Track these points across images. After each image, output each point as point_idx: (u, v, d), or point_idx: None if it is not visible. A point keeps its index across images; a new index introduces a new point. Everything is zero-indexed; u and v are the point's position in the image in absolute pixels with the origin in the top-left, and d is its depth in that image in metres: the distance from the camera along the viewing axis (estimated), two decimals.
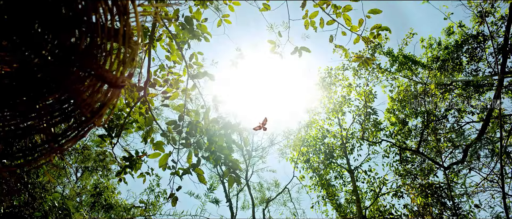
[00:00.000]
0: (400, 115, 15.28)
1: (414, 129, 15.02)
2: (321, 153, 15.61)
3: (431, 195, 12.12)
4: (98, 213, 10.54)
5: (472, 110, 14.39)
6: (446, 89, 14.15)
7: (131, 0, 1.42)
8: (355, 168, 15.34)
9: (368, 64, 4.58)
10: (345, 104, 16.07)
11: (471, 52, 14.02)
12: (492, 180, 12.19)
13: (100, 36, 1.56)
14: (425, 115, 14.12)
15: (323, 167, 15.44)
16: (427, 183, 12.49)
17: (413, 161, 14.45)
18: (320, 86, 16.73)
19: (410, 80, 15.40)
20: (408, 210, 12.72)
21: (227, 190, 17.24)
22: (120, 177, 5.36)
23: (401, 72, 15.42)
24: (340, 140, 15.92)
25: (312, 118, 16.79)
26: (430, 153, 14.44)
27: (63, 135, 1.59)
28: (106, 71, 1.60)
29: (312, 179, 15.61)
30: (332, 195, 15.13)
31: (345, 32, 4.60)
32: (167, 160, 4.03)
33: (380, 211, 13.41)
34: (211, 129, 4.13)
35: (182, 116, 4.17)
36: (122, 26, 1.48)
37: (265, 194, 19.35)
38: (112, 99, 1.63)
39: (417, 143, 14.24)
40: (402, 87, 15.43)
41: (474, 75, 14.00)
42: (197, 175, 4.14)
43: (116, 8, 1.47)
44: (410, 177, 13.59)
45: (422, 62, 15.10)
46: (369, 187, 14.63)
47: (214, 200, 16.49)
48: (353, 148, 15.57)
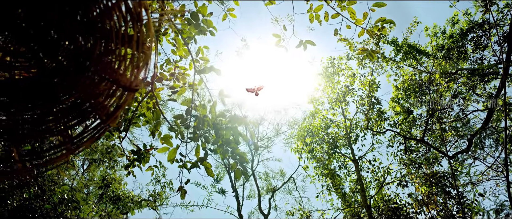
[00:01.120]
0: (405, 104, 15.28)
1: (419, 118, 15.02)
2: (325, 143, 15.67)
3: (435, 184, 12.17)
4: (106, 204, 10.69)
5: (477, 99, 14.39)
6: (451, 78, 14.13)
7: (144, 8, 1.48)
8: (359, 157, 15.40)
9: (373, 56, 4.61)
10: (348, 94, 16.08)
11: (476, 40, 13.96)
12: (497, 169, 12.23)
13: (114, 41, 1.63)
14: (430, 104, 14.13)
15: (327, 157, 15.51)
16: (432, 173, 12.54)
17: (417, 151, 14.48)
18: (323, 76, 16.74)
19: (415, 69, 15.38)
20: (412, 199, 12.79)
21: (233, 180, 17.36)
22: (129, 170, 5.46)
23: (406, 61, 15.39)
24: (344, 130, 15.97)
25: (315, 108, 16.82)
26: (435, 142, 14.48)
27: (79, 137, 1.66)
28: (121, 75, 1.67)
29: (316, 169, 15.69)
30: (337, 184, 15.22)
31: (350, 26, 4.63)
32: (176, 154, 4.10)
33: (385, 200, 13.48)
34: (218, 123, 4.19)
35: (190, 110, 4.23)
36: (135, 32, 1.54)
37: (271, 183, 19.49)
38: (127, 102, 1.69)
39: (422, 132, 14.26)
40: (406, 77, 15.41)
41: (479, 64, 13.96)
42: (205, 169, 4.22)
43: (130, 16, 1.53)
44: (414, 166, 13.64)
45: (427, 51, 15.07)
46: (373, 177, 14.70)
47: (220, 190, 16.64)
48: (357, 138, 15.62)
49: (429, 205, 12.01)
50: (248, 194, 18.79)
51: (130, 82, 1.64)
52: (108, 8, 1.46)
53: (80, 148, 1.66)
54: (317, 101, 16.90)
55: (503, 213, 11.21)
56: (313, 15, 4.75)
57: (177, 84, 4.57)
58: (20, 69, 1.73)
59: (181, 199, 4.22)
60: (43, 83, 1.71)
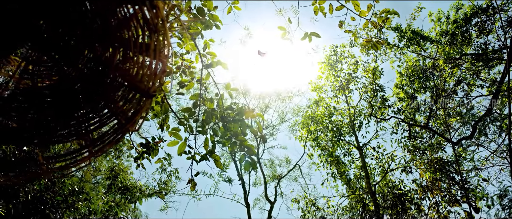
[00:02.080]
0: (409, 90, 15.29)
1: (422, 104, 15.05)
2: (329, 131, 15.75)
3: (439, 170, 12.25)
4: (115, 194, 10.84)
5: (482, 84, 14.38)
6: (455, 63, 14.11)
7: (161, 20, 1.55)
8: (364, 145, 15.47)
9: (378, 47, 4.66)
10: (351, 81, 16.10)
11: (480, 25, 13.90)
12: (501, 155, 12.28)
13: (132, 50, 1.71)
14: (434, 90, 14.14)
15: (331, 145, 15.59)
16: (436, 159, 12.61)
17: (421, 137, 14.54)
18: (326, 64, 16.75)
19: (419, 55, 15.35)
20: (417, 185, 12.88)
21: (239, 168, 17.52)
22: (138, 162, 5.57)
23: (410, 47, 15.36)
24: (348, 117, 16.02)
25: (319, 96, 16.86)
26: (439, 128, 14.52)
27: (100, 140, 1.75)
28: (139, 81, 1.75)
29: (321, 157, 15.80)
30: (341, 172, 15.33)
31: (354, 17, 4.66)
32: (185, 147, 4.19)
33: (389, 187, 13.59)
34: (226, 116, 4.26)
35: (197, 104, 4.31)
36: (153, 42, 1.61)
37: (276, 170, 19.66)
38: (145, 107, 1.78)
39: (426, 118, 14.31)
40: (410, 63, 15.39)
41: (483, 49, 13.91)
42: (214, 161, 4.31)
43: (147, 26, 1.60)
44: (419, 152, 13.71)
45: (431, 36, 15.02)
46: (377, 164, 14.79)
47: (227, 179, 16.81)
48: (361, 125, 15.68)
49: (434, 191, 12.11)
50: (254, 182, 18.98)
51: (148, 88, 1.73)
52: (126, 19, 1.53)
53: (101, 151, 1.75)
54: (320, 89, 16.94)
55: (507, 198, 11.29)
56: (318, 8, 4.78)
57: (185, 79, 4.64)
58: (43, 77, 1.81)
59: (191, 190, 4.32)
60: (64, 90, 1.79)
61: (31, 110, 1.72)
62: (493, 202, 11.27)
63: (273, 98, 19.55)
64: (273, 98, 19.55)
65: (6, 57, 1.51)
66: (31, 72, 1.81)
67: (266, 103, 19.50)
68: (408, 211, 12.58)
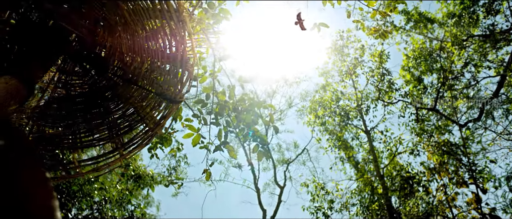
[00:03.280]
0: (415, 71, 15.25)
1: (429, 86, 15.03)
2: (337, 116, 15.82)
3: (447, 153, 12.32)
4: (128, 182, 11.04)
5: (489, 65, 14.32)
6: (462, 45, 14.04)
7: (188, 34, 1.65)
8: (371, 128, 15.54)
9: (385, 36, 4.71)
10: (358, 66, 16.11)
11: (488, 6, 13.79)
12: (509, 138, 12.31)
13: (160, 60, 1.83)
14: (441, 72, 14.12)
15: (339, 129, 15.70)
16: (443, 141, 12.67)
17: (429, 120, 14.57)
18: (333, 49, 16.75)
19: (425, 37, 15.29)
20: (424, 167, 12.96)
21: (248, 153, 17.68)
22: (153, 153, 5.72)
23: (416, 29, 15.29)
24: (355, 102, 16.07)
25: (326, 81, 16.91)
26: (446, 110, 14.54)
27: (130, 143, 1.88)
28: (166, 89, 1.87)
29: (329, 141, 15.91)
30: (350, 156, 15.46)
31: (362, 7, 4.72)
32: (200, 139, 4.32)
33: (397, 170, 13.69)
34: (239, 108, 4.37)
35: (209, 95, 4.42)
36: (180, 53, 1.72)
37: (285, 154, 19.80)
38: (172, 112, 1.90)
39: (434, 100, 14.32)
40: (417, 45, 15.32)
41: (491, 30, 13.82)
42: (228, 151, 4.43)
43: (174, 39, 1.71)
44: (426, 135, 13.76)
45: (438, 18, 14.93)
46: (385, 147, 14.87)
47: (237, 165, 17.01)
48: (369, 109, 15.71)
49: (441, 173, 12.20)
50: (264, 167, 19.15)
51: (175, 95, 1.84)
52: (154, 32, 1.64)
53: (132, 153, 1.87)
54: (327, 73, 16.98)
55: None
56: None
57: (199, 74, 4.73)
58: (75, 86, 1.94)
59: (206, 180, 4.46)
60: (96, 97, 1.91)
61: (65, 117, 1.84)
62: (501, 184, 11.36)
63: (281, 83, 19.61)
64: (281, 83, 19.61)
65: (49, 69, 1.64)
66: (64, 81, 1.93)
67: (273, 89, 19.58)
68: (416, 193, 12.71)
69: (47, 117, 1.67)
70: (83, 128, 1.69)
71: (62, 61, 1.71)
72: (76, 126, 1.66)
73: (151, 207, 15.59)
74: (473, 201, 11.27)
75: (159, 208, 15.97)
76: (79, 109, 1.72)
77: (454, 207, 11.95)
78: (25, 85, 1.20)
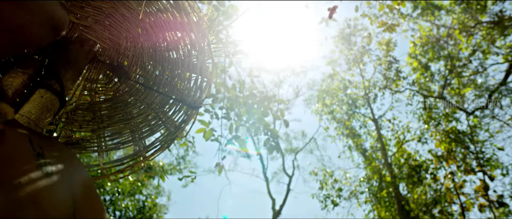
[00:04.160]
0: (422, 59, 15.20)
1: (437, 73, 15.00)
2: (344, 104, 15.87)
3: (454, 141, 12.34)
4: (138, 174, 11.21)
5: (497, 52, 14.23)
6: (470, 32, 13.95)
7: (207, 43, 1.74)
8: (379, 117, 15.58)
9: (393, 29, 4.75)
10: (365, 54, 16.09)
11: None
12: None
13: (180, 68, 1.93)
14: (449, 59, 14.07)
15: (347, 117, 15.75)
16: (451, 129, 12.69)
17: (436, 107, 14.56)
18: (340, 37, 16.73)
19: (433, 24, 15.20)
20: (432, 155, 13.00)
21: (256, 143, 17.82)
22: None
23: (423, 17, 15.21)
24: (363, 90, 16.09)
25: (334, 70, 16.93)
26: (453, 97, 14.51)
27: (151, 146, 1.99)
28: (186, 95, 1.98)
29: (337, 130, 15.98)
30: (358, 144, 15.52)
31: (370, 2, 4.74)
32: (212, 133, 4.41)
33: (405, 158, 13.74)
34: (249, 103, 4.45)
35: (220, 90, 4.51)
36: (200, 62, 1.82)
37: (292, 143, 19.91)
38: (191, 117, 2.01)
39: (441, 87, 14.30)
40: (424, 32, 15.25)
41: (500, 16, 13.71)
42: (239, 145, 4.53)
43: (194, 50, 1.80)
44: (434, 122, 13.77)
45: (445, 5, 14.82)
46: (393, 135, 14.92)
47: (246, 155, 17.14)
48: (376, 98, 15.74)
49: (449, 161, 12.25)
50: (272, 156, 19.27)
51: (194, 100, 1.95)
52: (175, 42, 1.73)
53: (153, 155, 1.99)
54: (334, 62, 16.98)
55: None
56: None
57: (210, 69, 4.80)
58: (99, 93, 2.05)
59: (219, 174, 4.58)
60: (119, 103, 2.03)
61: (90, 122, 1.96)
62: (508, 171, 11.38)
63: (288, 73, 19.62)
64: (288, 73, 19.62)
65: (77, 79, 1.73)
66: (89, 88, 2.05)
67: (280, 79, 19.61)
68: (423, 180, 12.79)
69: (74, 122, 1.79)
70: (108, 132, 1.82)
71: (87, 70, 1.82)
72: (101, 130, 1.78)
73: (162, 197, 15.82)
74: (480, 189, 11.33)
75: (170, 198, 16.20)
76: (103, 115, 1.84)
77: (462, 194, 12.02)
78: (58, 97, 1.29)
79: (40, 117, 1.14)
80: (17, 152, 0.65)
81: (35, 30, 0.68)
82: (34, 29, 0.68)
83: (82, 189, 0.76)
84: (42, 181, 0.66)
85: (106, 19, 1.69)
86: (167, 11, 1.63)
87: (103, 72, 2.02)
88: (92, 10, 1.67)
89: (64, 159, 0.77)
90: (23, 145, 0.69)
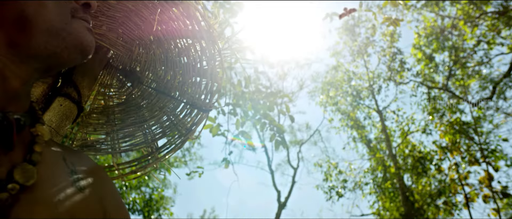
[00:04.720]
0: (427, 50, 15.15)
1: (441, 64, 14.96)
2: (349, 96, 15.89)
3: (459, 132, 12.36)
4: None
5: (502, 42, 14.16)
6: (475, 23, 13.89)
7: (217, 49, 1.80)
8: (384, 108, 15.60)
9: (397, 24, 4.77)
10: (369, 45, 16.06)
11: None
12: None
13: (191, 73, 1.99)
14: (453, 50, 14.04)
15: (351, 109, 15.78)
16: (455, 120, 12.70)
17: (441, 98, 14.55)
18: (343, 29, 16.69)
19: (437, 14, 15.13)
20: (437, 146, 13.02)
21: (260, 136, 17.89)
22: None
23: (428, 7, 15.13)
24: (367, 81, 16.09)
25: (338, 61, 16.92)
26: (457, 89, 14.49)
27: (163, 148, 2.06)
28: (197, 98, 2.05)
29: (342, 121, 16.03)
30: (363, 135, 15.57)
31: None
32: (218, 129, 4.48)
33: (409, 149, 13.78)
34: (255, 98, 4.50)
35: (226, 86, 4.56)
36: (210, 67, 1.88)
37: (297, 135, 19.97)
38: (202, 119, 2.08)
39: (446, 78, 14.28)
40: (428, 23, 15.19)
41: (505, 6, 13.62)
42: (246, 141, 4.59)
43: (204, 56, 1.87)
44: (438, 114, 13.77)
45: None
46: (398, 126, 14.94)
47: (251, 147, 17.21)
48: (380, 89, 15.74)
49: (454, 152, 12.28)
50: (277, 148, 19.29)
51: (205, 104, 2.02)
52: (186, 48, 1.80)
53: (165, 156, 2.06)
54: (338, 54, 16.97)
55: None
56: None
57: None
58: (113, 97, 2.12)
59: (225, 168, 4.67)
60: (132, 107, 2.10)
61: (104, 125, 2.04)
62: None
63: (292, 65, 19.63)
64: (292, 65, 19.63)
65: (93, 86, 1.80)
66: (103, 93, 2.12)
67: (284, 71, 19.62)
68: (428, 171, 12.83)
69: (89, 125, 1.87)
70: (121, 134, 1.90)
71: (101, 75, 1.90)
72: (114, 133, 1.86)
73: (168, 189, 15.96)
74: (485, 179, 11.37)
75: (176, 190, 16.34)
76: (117, 118, 1.92)
77: (466, 185, 12.07)
78: (76, 105, 1.35)
79: (60, 124, 1.21)
80: (55, 172, 0.72)
81: (66, 55, 0.74)
82: (65, 54, 0.74)
83: (110, 199, 0.83)
84: (77, 196, 0.73)
85: (119, 27, 1.76)
86: (179, 19, 1.70)
87: (117, 77, 2.08)
88: (105, 19, 1.74)
89: (93, 172, 0.84)
90: (58, 163, 0.76)
